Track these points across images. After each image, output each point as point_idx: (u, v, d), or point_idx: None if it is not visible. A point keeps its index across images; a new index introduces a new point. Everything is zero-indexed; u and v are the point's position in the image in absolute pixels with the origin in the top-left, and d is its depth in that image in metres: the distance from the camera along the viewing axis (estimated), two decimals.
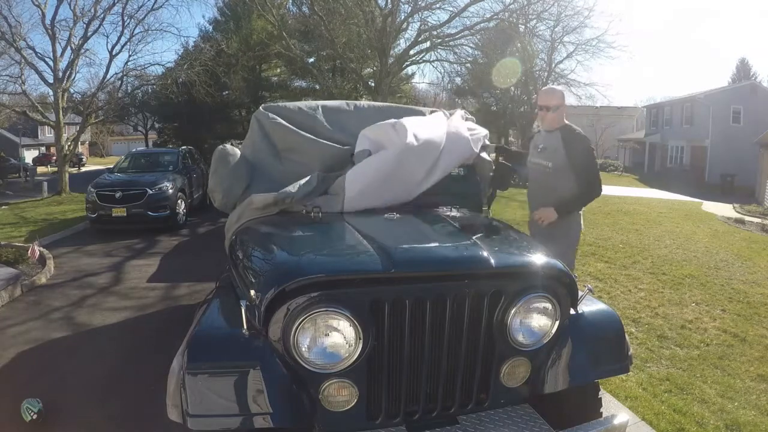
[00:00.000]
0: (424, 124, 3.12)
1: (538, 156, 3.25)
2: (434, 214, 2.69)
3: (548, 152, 3.17)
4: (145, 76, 18.33)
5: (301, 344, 1.71)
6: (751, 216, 13.88)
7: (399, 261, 1.83)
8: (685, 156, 29.81)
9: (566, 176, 3.08)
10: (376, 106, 3.66)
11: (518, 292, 1.90)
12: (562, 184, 3.11)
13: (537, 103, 3.25)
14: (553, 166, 3.12)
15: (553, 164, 3.12)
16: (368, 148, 2.97)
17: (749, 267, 7.14)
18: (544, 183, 3.21)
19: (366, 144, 3.02)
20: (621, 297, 5.43)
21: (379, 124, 3.10)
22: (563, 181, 3.10)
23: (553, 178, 3.14)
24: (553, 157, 3.13)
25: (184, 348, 1.74)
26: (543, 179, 3.21)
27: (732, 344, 4.20)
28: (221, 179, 3.06)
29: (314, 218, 2.52)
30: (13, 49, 15.02)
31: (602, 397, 2.26)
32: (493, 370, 1.95)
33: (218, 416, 1.64)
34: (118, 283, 6.10)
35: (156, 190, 9.48)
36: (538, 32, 20.04)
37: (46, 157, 35.45)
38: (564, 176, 3.09)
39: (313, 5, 16.37)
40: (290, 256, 2.07)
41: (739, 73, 45.35)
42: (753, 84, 30.65)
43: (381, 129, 3.05)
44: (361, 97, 19.62)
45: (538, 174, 3.26)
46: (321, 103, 3.45)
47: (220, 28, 23.82)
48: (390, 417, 1.86)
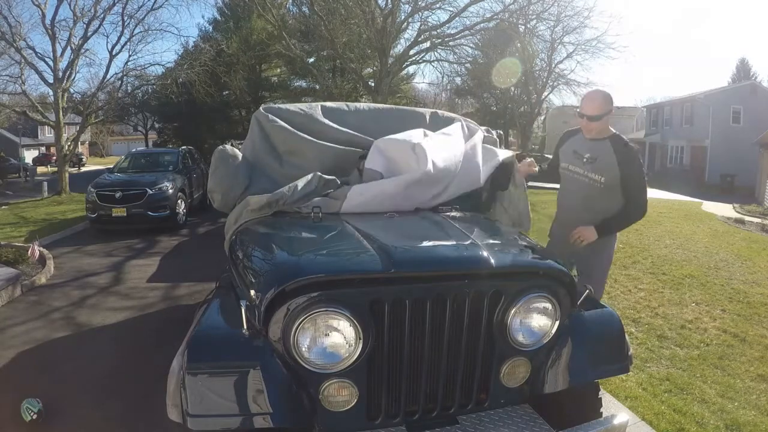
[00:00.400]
0: (443, 148, 2.87)
1: (584, 167, 2.91)
2: (434, 214, 2.68)
3: (599, 165, 2.84)
4: (145, 76, 18.35)
5: (301, 344, 1.70)
6: (751, 216, 13.87)
7: (399, 261, 1.82)
8: (685, 156, 29.81)
9: (616, 194, 2.82)
10: (377, 107, 3.65)
11: (518, 292, 1.90)
12: (611, 202, 2.84)
13: (580, 111, 2.85)
14: (606, 181, 2.81)
15: (606, 180, 2.81)
16: (379, 170, 2.84)
17: (749, 267, 7.14)
18: (589, 198, 2.89)
19: (378, 159, 2.88)
20: (621, 297, 5.43)
21: (396, 138, 2.89)
22: (613, 199, 2.84)
23: (603, 195, 2.84)
24: (605, 172, 2.81)
25: (184, 348, 1.74)
26: (588, 193, 2.89)
27: (732, 344, 4.21)
28: (221, 180, 3.06)
29: (314, 218, 2.52)
30: (13, 49, 15.03)
31: (602, 397, 2.26)
32: (493, 370, 1.95)
33: (218, 416, 1.64)
34: (118, 283, 6.10)
35: (156, 190, 9.48)
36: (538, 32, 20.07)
37: (46, 157, 35.45)
38: (614, 194, 2.82)
39: (313, 5, 16.38)
40: (290, 256, 2.07)
41: (739, 73, 45.39)
42: (753, 84, 30.67)
43: (398, 148, 2.84)
44: (361, 97, 19.63)
45: (581, 187, 2.92)
46: (321, 104, 3.44)
47: (220, 28, 23.85)
48: (390, 417, 1.86)
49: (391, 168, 2.85)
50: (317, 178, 2.73)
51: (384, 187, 2.69)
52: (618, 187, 2.82)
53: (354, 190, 2.67)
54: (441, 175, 2.75)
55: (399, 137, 2.91)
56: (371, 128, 3.32)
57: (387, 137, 2.96)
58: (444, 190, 2.83)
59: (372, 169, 2.87)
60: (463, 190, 2.94)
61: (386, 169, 2.86)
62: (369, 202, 2.66)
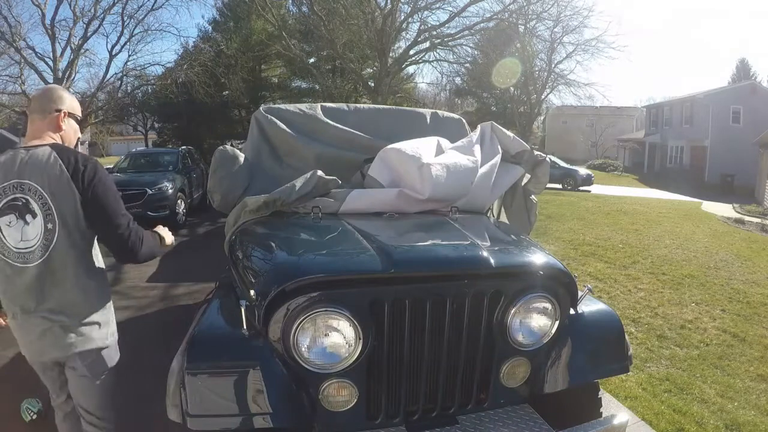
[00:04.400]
0: (453, 171, 2.68)
1: None
2: (434, 214, 2.68)
3: None
4: (144, 76, 18.37)
5: (301, 344, 1.70)
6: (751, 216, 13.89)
7: (399, 261, 1.82)
8: (684, 156, 29.82)
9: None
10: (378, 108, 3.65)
11: (518, 292, 1.90)
12: None
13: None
14: None
15: None
16: (382, 181, 2.79)
17: (749, 267, 7.15)
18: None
19: (383, 170, 2.82)
20: (621, 297, 5.43)
21: (405, 152, 2.76)
22: None
23: None
24: None
25: (183, 348, 1.74)
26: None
27: (732, 344, 4.21)
28: (220, 180, 3.05)
29: (314, 218, 2.52)
30: (13, 49, 15.05)
31: (602, 397, 2.26)
32: (493, 370, 1.95)
33: (218, 416, 1.64)
34: (118, 283, 6.09)
35: (155, 190, 9.48)
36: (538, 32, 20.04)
37: None
38: None
39: (313, 5, 16.38)
40: (290, 256, 2.07)
41: (739, 73, 45.41)
42: (753, 84, 30.68)
43: (405, 162, 2.73)
44: (361, 98, 19.62)
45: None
46: (321, 104, 3.44)
47: (220, 29, 23.81)
48: (390, 417, 1.86)
49: (394, 180, 2.79)
50: (317, 177, 2.68)
51: (383, 197, 2.66)
52: None
53: (353, 195, 2.65)
54: (442, 198, 2.66)
55: (408, 151, 2.76)
56: (372, 129, 3.31)
57: (396, 147, 2.83)
58: (444, 207, 2.74)
59: (375, 178, 2.85)
60: (466, 209, 2.82)
61: (389, 181, 2.80)
62: (367, 208, 2.65)
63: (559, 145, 41.74)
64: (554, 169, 21.60)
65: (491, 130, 3.10)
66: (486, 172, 2.84)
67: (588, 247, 7.92)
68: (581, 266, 6.72)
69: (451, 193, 2.68)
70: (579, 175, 21.94)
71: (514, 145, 3.07)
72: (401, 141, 2.93)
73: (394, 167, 2.82)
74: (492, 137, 3.07)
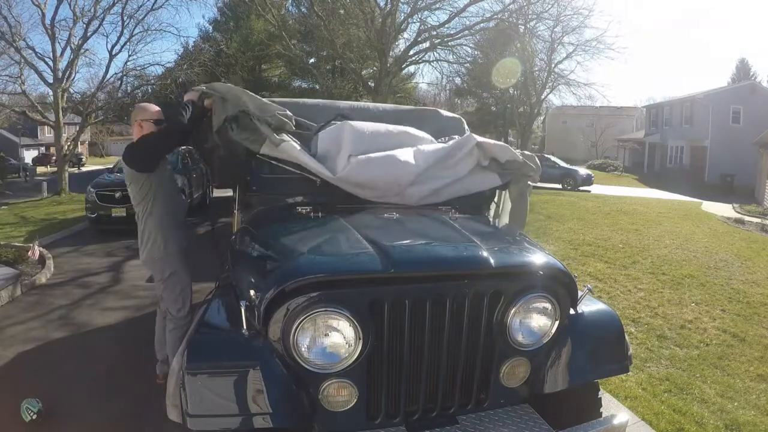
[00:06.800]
0: (381, 161, 2.78)
1: None
2: (434, 214, 2.68)
3: None
4: (144, 76, 18.34)
5: (301, 344, 1.71)
6: (751, 216, 13.88)
7: (398, 261, 1.82)
8: (684, 156, 29.81)
9: None
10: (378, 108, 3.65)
11: (518, 292, 1.90)
12: None
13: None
14: None
15: None
16: (322, 147, 2.84)
17: (749, 267, 7.15)
18: None
19: (331, 138, 2.87)
20: (621, 297, 5.43)
21: (357, 129, 2.88)
22: None
23: None
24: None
25: (183, 348, 1.74)
26: None
27: (732, 344, 4.21)
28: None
29: (314, 218, 2.52)
30: (13, 49, 15.02)
31: (602, 397, 2.26)
32: (493, 370, 1.95)
33: (218, 416, 1.64)
34: (118, 283, 6.09)
35: None
36: (538, 32, 20.09)
37: (45, 157, 35.42)
38: None
39: (313, 5, 16.39)
40: (290, 256, 2.07)
41: (738, 73, 45.44)
42: (753, 84, 30.68)
43: (345, 143, 2.82)
44: (361, 97, 19.62)
45: None
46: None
47: (220, 28, 23.85)
48: (389, 417, 1.86)
49: (331, 153, 2.82)
50: (275, 106, 2.84)
51: (310, 162, 2.71)
52: None
53: (297, 147, 2.72)
54: (357, 184, 2.76)
55: (354, 134, 2.85)
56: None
57: (354, 125, 2.90)
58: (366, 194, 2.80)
59: (322, 140, 2.88)
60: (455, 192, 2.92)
61: (326, 151, 2.84)
62: (299, 161, 2.70)
63: (559, 145, 41.78)
64: (554, 169, 21.62)
65: (475, 145, 3.01)
66: (439, 166, 2.89)
67: (588, 247, 7.92)
68: (581, 266, 6.72)
69: (371, 182, 2.75)
70: (579, 175, 21.94)
71: (504, 154, 3.01)
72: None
73: (340, 142, 2.84)
74: (471, 149, 3.00)
